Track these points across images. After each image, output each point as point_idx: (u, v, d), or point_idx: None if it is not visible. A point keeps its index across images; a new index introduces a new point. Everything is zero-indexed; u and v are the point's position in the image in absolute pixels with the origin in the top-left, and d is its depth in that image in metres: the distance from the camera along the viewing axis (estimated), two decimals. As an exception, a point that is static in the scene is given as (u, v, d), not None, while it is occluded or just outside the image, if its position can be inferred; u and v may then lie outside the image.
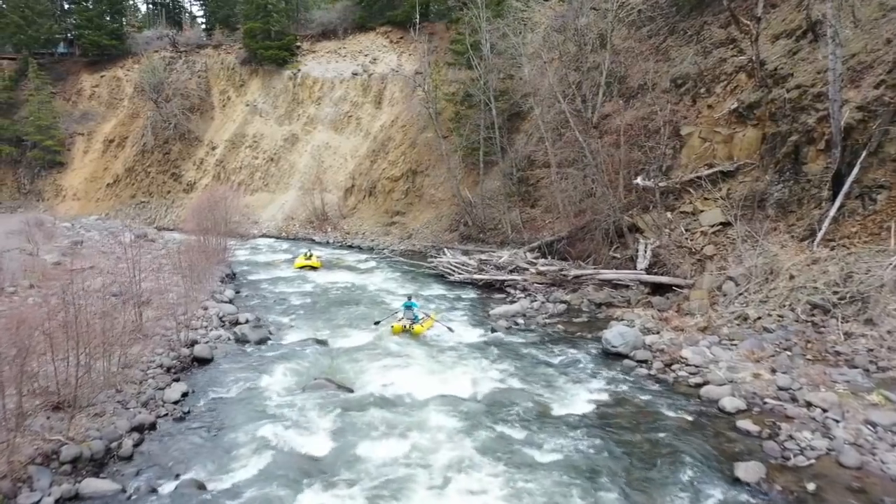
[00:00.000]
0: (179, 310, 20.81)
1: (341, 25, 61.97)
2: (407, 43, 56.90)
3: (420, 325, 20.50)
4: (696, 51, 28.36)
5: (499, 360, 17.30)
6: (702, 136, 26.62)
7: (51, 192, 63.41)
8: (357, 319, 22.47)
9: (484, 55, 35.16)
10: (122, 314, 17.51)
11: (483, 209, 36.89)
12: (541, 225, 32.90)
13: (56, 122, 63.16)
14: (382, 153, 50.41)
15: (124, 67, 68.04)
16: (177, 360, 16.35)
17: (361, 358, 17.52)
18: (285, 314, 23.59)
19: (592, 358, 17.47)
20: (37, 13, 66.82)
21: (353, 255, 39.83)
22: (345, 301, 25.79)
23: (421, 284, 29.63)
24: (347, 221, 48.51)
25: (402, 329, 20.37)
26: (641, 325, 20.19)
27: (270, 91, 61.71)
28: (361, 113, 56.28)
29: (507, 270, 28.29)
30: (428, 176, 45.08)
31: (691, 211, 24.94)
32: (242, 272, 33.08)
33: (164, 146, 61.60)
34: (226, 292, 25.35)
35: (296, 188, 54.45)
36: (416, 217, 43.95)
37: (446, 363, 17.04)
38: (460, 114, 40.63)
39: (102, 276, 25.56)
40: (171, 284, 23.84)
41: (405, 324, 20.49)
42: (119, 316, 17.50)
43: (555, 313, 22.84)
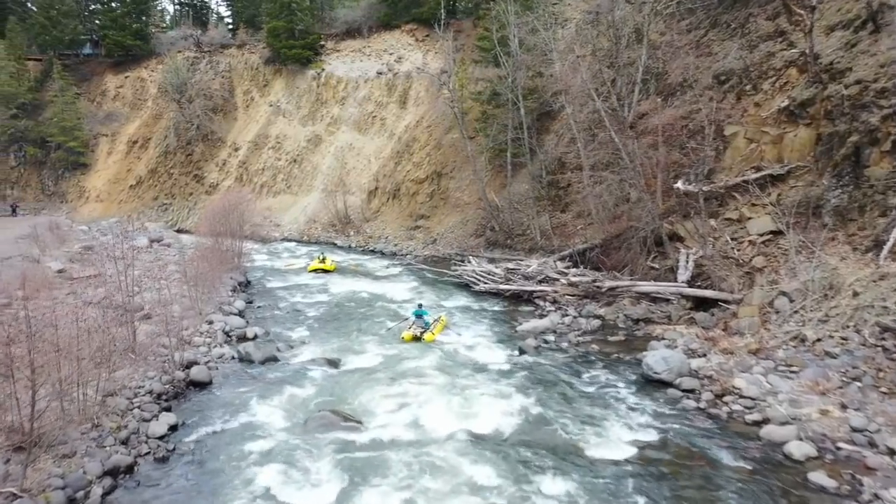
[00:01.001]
0: (182, 324, 19.39)
1: (366, 24, 60.46)
2: (433, 41, 55.19)
3: (431, 333, 20.25)
4: (740, 45, 26.24)
5: (526, 388, 15.51)
6: (748, 137, 24.56)
7: (74, 194, 62.91)
8: (372, 335, 20.89)
9: (512, 51, 33.32)
10: (115, 330, 16.12)
11: (510, 213, 35.09)
12: (572, 231, 31.01)
13: (80, 123, 62.60)
14: (407, 154, 48.82)
15: (148, 68, 67.35)
16: (170, 384, 14.83)
17: (374, 382, 15.87)
18: (297, 328, 22.07)
19: (632, 385, 15.61)
20: (62, 14, 66.44)
21: (374, 260, 38.27)
22: (361, 313, 24.21)
23: (444, 294, 27.96)
24: (370, 225, 46.97)
25: (412, 338, 20.06)
26: (684, 344, 18.30)
27: (294, 91, 60.45)
28: (386, 113, 54.74)
29: (536, 281, 26.47)
30: (453, 178, 43.36)
31: (737, 218, 22.92)
32: (258, 279, 31.69)
33: (186, 147, 60.70)
34: (236, 303, 23.89)
35: (318, 190, 53.07)
36: (440, 221, 42.27)
37: (468, 391, 15.29)
38: (487, 113, 38.85)
39: (106, 285, 24.31)
40: (178, 295, 22.48)
41: (416, 332, 20.21)
42: (112, 333, 16.10)
43: (588, 330, 20.98)
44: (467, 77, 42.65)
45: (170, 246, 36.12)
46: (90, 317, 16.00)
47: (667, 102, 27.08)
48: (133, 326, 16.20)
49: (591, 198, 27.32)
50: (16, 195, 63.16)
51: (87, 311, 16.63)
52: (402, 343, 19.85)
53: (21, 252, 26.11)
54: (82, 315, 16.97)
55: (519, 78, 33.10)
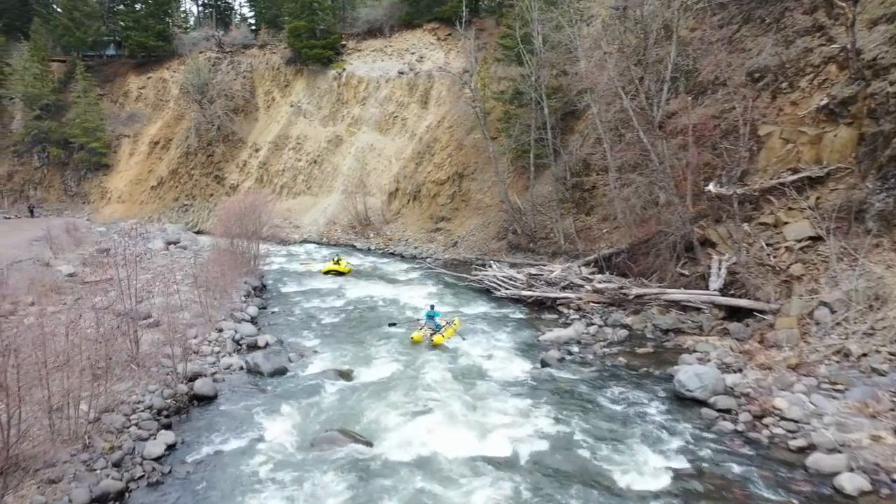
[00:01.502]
0: (190, 332, 18.67)
1: (387, 23, 59.68)
2: (455, 40, 54.27)
3: (441, 336, 20.08)
4: (775, 40, 25.02)
5: (549, 405, 14.53)
6: (783, 137, 23.34)
7: (96, 195, 62.84)
8: (387, 343, 20.03)
9: (535, 49, 32.28)
10: (119, 340, 15.43)
11: (533, 216, 34.05)
12: (597, 235, 29.91)
13: (102, 124, 62.50)
14: (428, 155, 47.94)
15: (171, 69, 67.13)
16: (172, 399, 14.07)
17: (386, 397, 14.99)
18: (311, 335, 21.27)
19: (663, 403, 14.56)
20: (85, 15, 66.53)
21: (393, 264, 37.42)
22: (378, 320, 23.37)
23: (464, 299, 27.02)
24: (390, 227, 46.15)
25: (421, 339, 20.05)
26: (718, 358, 17.21)
27: (315, 91, 59.85)
28: (407, 113, 53.92)
29: (560, 287, 25.44)
30: (475, 180, 42.38)
31: (773, 223, 21.72)
32: (274, 283, 30.99)
33: (207, 148, 60.33)
34: (248, 309, 23.14)
35: (339, 191, 52.37)
36: (461, 223, 41.32)
37: (486, 407, 14.35)
38: (510, 113, 37.84)
39: (115, 290, 23.73)
40: (189, 300, 21.79)
41: (426, 333, 20.23)
42: (113, 343, 15.40)
43: (614, 340, 19.92)
44: (489, 76, 41.66)
45: (186, 248, 35.61)
46: (93, 325, 15.37)
47: (697, 101, 25.93)
48: (136, 336, 15.46)
49: (618, 201, 26.23)
50: (39, 196, 63.34)
51: (90, 319, 16.01)
52: (414, 349, 19.18)
53: (33, 255, 25.61)
54: (84, 323, 16.37)
55: (542, 76, 32.05)
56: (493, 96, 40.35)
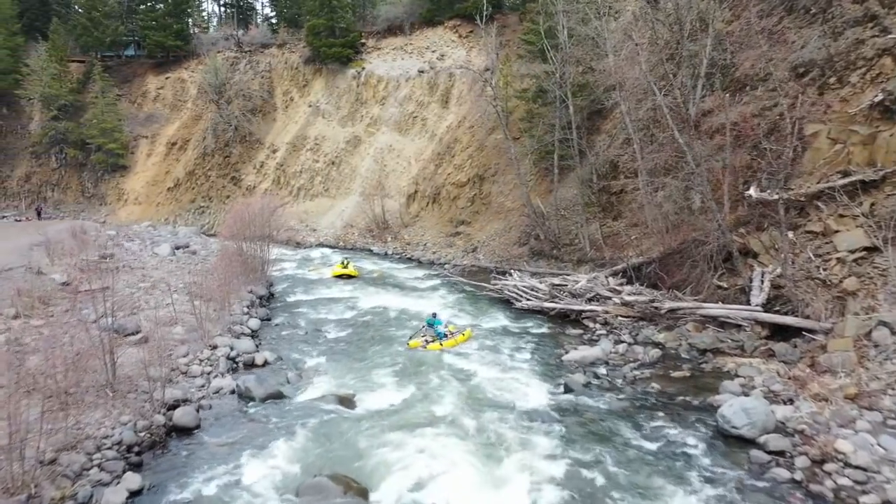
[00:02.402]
0: (180, 350, 17.16)
1: (408, 20, 58.21)
2: (477, 37, 52.58)
3: (439, 345, 19.61)
4: (822, 31, 23.00)
5: (572, 442, 12.75)
6: (832, 137, 21.30)
7: (113, 196, 62.09)
8: (395, 362, 18.34)
9: (560, 44, 30.44)
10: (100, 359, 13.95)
11: (557, 221, 32.21)
12: (625, 242, 27.98)
13: (120, 124, 61.75)
14: (448, 156, 46.30)
15: (189, 69, 66.28)
16: (147, 431, 12.49)
17: (390, 429, 13.31)
18: (314, 352, 19.66)
19: (704, 442, 12.68)
20: (104, 14, 65.90)
21: (410, 269, 35.78)
22: (387, 334, 21.73)
23: (482, 311, 25.31)
24: (409, 231, 44.56)
25: (417, 345, 19.74)
26: (764, 384, 15.33)
27: (334, 91, 58.51)
28: (427, 113, 52.33)
29: (585, 299, 23.61)
30: (496, 182, 40.61)
31: (821, 231, 19.70)
32: (283, 291, 29.50)
33: (224, 149, 59.27)
34: (249, 322, 21.58)
35: (356, 193, 50.90)
36: (482, 227, 39.58)
37: (502, 445, 12.60)
38: (533, 112, 36.04)
39: (113, 299, 22.35)
40: (186, 312, 20.31)
41: (423, 341, 19.92)
42: (89, 364, 13.93)
43: (646, 361, 18.04)
44: (512, 74, 39.88)
45: (195, 253, 34.24)
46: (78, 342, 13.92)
47: (734, 98, 23.96)
48: (112, 357, 13.93)
49: (649, 206, 24.35)
50: (56, 197, 62.90)
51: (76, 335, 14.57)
52: (424, 368, 17.60)
53: (28, 261, 24.33)
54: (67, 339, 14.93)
55: (567, 73, 30.19)
56: (515, 95, 38.65)
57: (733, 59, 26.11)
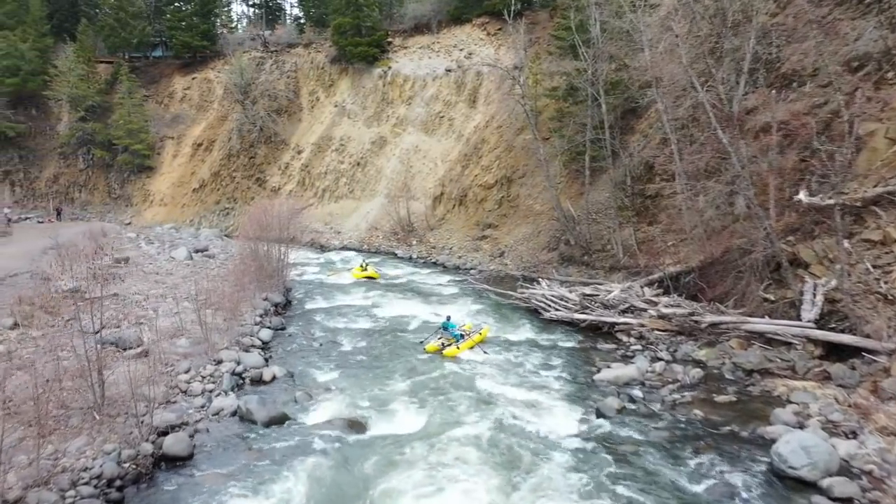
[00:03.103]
0: (181, 365, 16.03)
1: (435, 18, 56.75)
2: (506, 35, 51.00)
3: (456, 348, 19.45)
4: (878, 22, 21.23)
5: (607, 480, 11.30)
6: (890, 136, 19.60)
7: (139, 197, 61.76)
8: (413, 378, 17.03)
9: (592, 38, 28.83)
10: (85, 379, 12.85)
11: (588, 225, 30.63)
12: (661, 248, 26.31)
13: (146, 125, 61.40)
14: (475, 157, 44.85)
15: (215, 69, 65.65)
16: (132, 461, 11.32)
17: (402, 464, 11.98)
18: (328, 366, 18.41)
19: (757, 484, 11.14)
20: (131, 15, 65.71)
21: (434, 275, 34.43)
22: (406, 346, 20.44)
23: (508, 321, 23.88)
24: (434, 234, 43.21)
25: (435, 349, 19.65)
26: (821, 413, 13.72)
27: (360, 91, 57.41)
28: (454, 113, 50.90)
29: (618, 310, 22.05)
30: (524, 184, 39.06)
31: (880, 240, 17.99)
32: (301, 296, 28.37)
33: (249, 150, 58.55)
34: (261, 333, 20.40)
35: (381, 195, 49.67)
36: (509, 231, 38.09)
37: (527, 486, 11.19)
38: (563, 111, 34.44)
39: (120, 308, 21.42)
40: (194, 322, 19.21)
41: (440, 344, 19.79)
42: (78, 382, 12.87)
43: (686, 383, 16.46)
44: (542, 72, 38.29)
45: (213, 257, 33.28)
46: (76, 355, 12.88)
47: (780, 95, 22.20)
48: (100, 376, 12.79)
49: (688, 211, 22.68)
50: (83, 198, 62.83)
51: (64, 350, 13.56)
52: (443, 388, 16.25)
53: (36, 267, 23.49)
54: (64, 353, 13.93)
55: (600, 69, 28.56)
56: (544, 93, 37.03)
57: (779, 54, 24.38)
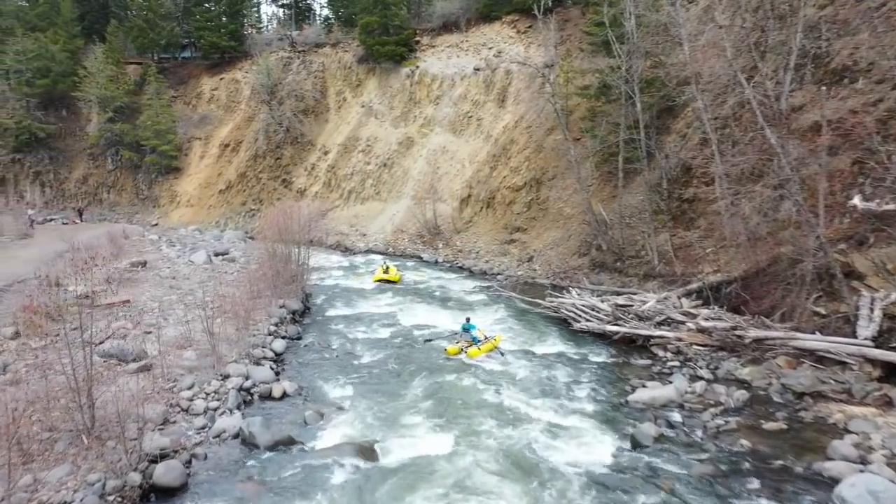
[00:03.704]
0: (185, 381, 15.06)
1: (464, 16, 55.53)
2: (536, 33, 49.65)
3: (477, 349, 19.46)
4: (940, 13, 19.57)
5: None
6: (954, 136, 17.94)
7: (166, 198, 61.59)
8: (431, 397, 15.83)
9: (627, 34, 27.37)
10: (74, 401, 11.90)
11: (621, 230, 29.18)
12: (699, 256, 24.81)
13: (174, 126, 61.23)
14: (504, 158, 43.53)
15: (243, 69, 65.24)
16: (117, 494, 10.31)
17: (417, 498, 10.81)
18: (342, 381, 17.32)
19: (818, 534, 9.78)
20: (159, 16, 65.73)
21: (460, 281, 33.22)
22: (426, 358, 19.27)
23: (535, 332, 22.61)
24: (461, 237, 41.99)
25: (457, 352, 19.51)
26: (884, 445, 12.26)
27: (387, 91, 56.47)
28: (483, 113, 49.64)
29: (654, 322, 20.61)
30: (554, 186, 37.61)
31: (945, 250, 16.37)
32: (321, 303, 27.39)
33: (276, 151, 57.96)
34: (274, 344, 19.37)
35: (408, 197, 48.60)
36: (538, 235, 36.74)
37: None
38: (595, 111, 33.01)
39: (130, 316, 20.59)
40: (203, 332, 18.26)
41: (462, 346, 19.69)
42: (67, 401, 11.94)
43: (730, 406, 15.03)
44: (573, 70, 36.88)
45: (234, 261, 32.45)
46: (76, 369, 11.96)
47: (829, 92, 20.59)
48: (90, 395, 11.82)
49: (729, 217, 21.14)
50: (111, 199, 62.95)
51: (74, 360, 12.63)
52: (464, 408, 15.04)
53: (49, 271, 22.80)
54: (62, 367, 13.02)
55: (635, 66, 27.09)
56: (576, 92, 35.61)
57: (828, 48, 22.76)
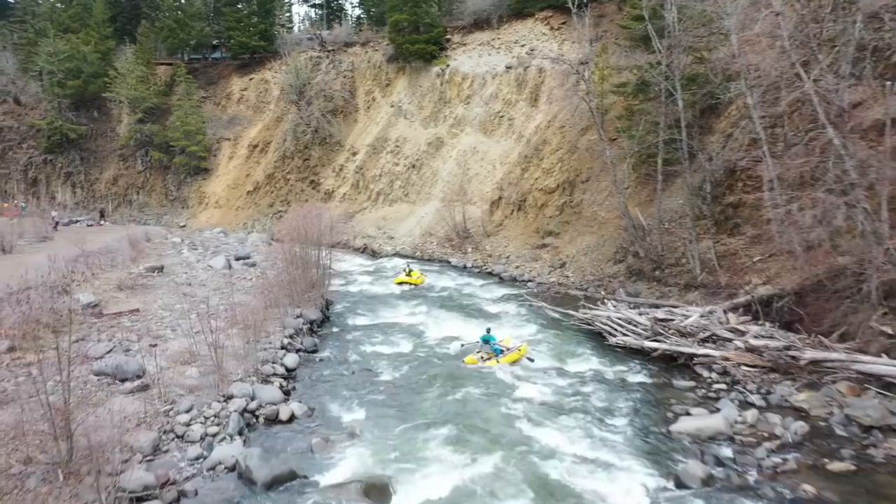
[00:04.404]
0: (183, 403, 13.84)
1: (496, 13, 54.01)
2: (570, 29, 47.99)
3: (496, 360, 18.81)
4: None
5: None
6: None
7: (194, 200, 61.14)
8: (451, 425, 14.36)
9: (668, 26, 25.61)
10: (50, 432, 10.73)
11: (660, 236, 27.42)
12: (746, 265, 22.99)
13: (203, 127, 60.75)
14: (536, 159, 41.88)
15: (272, 69, 64.45)
16: (87, 546, 9.10)
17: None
18: (357, 401, 15.98)
19: None
20: (189, 16, 65.47)
21: (488, 288, 31.68)
22: (449, 377, 17.80)
23: (567, 345, 21.05)
24: (491, 241, 40.48)
25: (475, 362, 18.88)
26: (974, 495, 10.47)
27: (417, 90, 55.18)
28: (514, 112, 48.07)
29: (698, 339, 18.88)
30: (588, 189, 35.92)
31: None
32: (342, 311, 26.17)
33: (304, 151, 57.10)
34: (286, 358, 18.05)
35: (437, 199, 47.18)
36: (572, 240, 35.07)
37: None
38: (632, 109, 31.25)
39: (137, 326, 19.53)
40: (212, 345, 17.06)
41: (480, 357, 19.06)
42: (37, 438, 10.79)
43: (788, 441, 13.29)
44: (609, 67, 35.12)
45: (255, 266, 31.37)
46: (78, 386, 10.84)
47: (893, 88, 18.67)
48: (66, 425, 10.62)
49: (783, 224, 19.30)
50: (141, 200, 62.76)
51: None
52: (489, 440, 13.54)
53: (58, 278, 21.89)
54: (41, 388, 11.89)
55: (676, 61, 25.28)
56: (612, 90, 33.84)
57: (892, 40, 20.79)
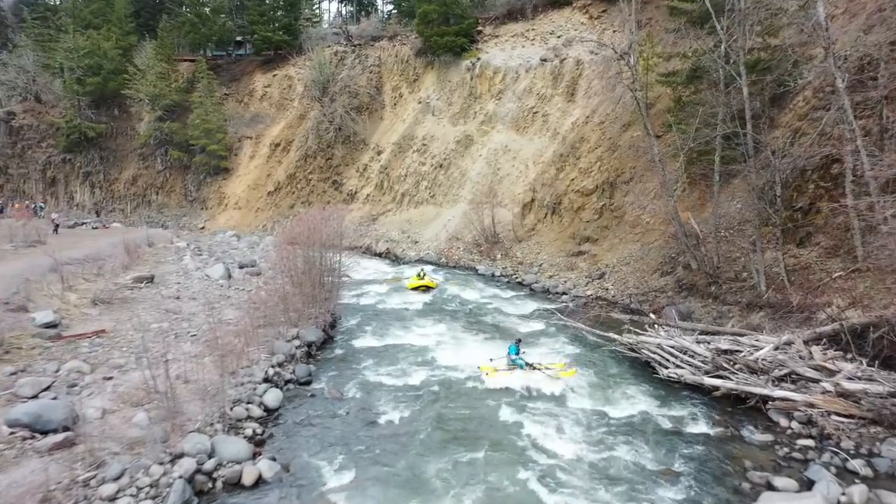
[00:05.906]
0: (111, 469, 10.76)
1: (530, 2, 50.59)
2: (611, 17, 44.46)
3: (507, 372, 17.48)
4: None
5: None
6: None
7: (214, 200, 58.74)
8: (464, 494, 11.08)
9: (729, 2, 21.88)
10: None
11: (716, 245, 23.76)
12: (823, 282, 19.26)
13: (224, 125, 58.40)
14: (572, 158, 38.40)
15: (296, 65, 61.79)
16: None
17: None
18: (346, 457, 12.73)
19: None
20: (211, 10, 63.30)
21: (517, 301, 28.26)
22: (469, 424, 14.50)
23: (609, 377, 17.62)
24: (522, 247, 37.07)
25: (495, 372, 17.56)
26: None
27: (445, 85, 51.97)
28: (549, 108, 44.58)
29: (772, 377, 15.28)
30: (631, 191, 32.25)
31: None
32: (350, 328, 23.01)
33: (326, 150, 54.33)
34: (266, 395, 14.83)
35: (465, 201, 43.91)
36: (612, 247, 31.51)
37: None
38: (683, 101, 27.61)
39: (98, 352, 16.61)
40: (179, 378, 14.05)
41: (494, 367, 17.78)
42: None
43: (916, 538, 9.81)
44: (656, 54, 31.46)
45: (259, 274, 28.38)
46: None
47: None
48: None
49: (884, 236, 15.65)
50: (160, 201, 60.71)
51: None
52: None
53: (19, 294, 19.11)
54: None
55: (740, 42, 21.57)
56: (658, 80, 30.15)
57: None
